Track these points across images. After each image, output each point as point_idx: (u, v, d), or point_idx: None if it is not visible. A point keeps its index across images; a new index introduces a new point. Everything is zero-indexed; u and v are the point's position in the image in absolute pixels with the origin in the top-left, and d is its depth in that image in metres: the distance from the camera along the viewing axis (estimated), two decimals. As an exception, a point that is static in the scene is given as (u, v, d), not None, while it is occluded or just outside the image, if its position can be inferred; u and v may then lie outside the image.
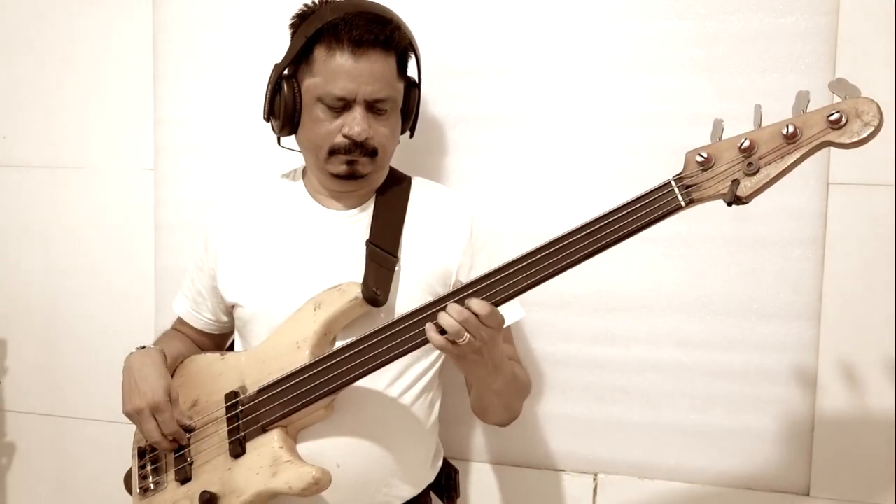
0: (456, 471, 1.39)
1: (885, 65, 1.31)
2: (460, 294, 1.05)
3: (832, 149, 1.32)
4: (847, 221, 1.36)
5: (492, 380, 1.13)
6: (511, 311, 1.25)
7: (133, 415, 1.21)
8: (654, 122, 1.42)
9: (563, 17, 1.46)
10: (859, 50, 1.32)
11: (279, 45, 1.26)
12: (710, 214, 1.39)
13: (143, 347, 1.27)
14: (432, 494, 1.34)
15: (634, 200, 1.01)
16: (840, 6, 1.33)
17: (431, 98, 1.51)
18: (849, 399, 1.37)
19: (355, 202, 1.28)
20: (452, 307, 1.03)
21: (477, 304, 1.03)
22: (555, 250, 1.03)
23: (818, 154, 1.35)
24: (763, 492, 1.43)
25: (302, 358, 1.15)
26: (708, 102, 1.39)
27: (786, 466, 1.42)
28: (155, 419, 1.19)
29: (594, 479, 1.51)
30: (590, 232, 1.02)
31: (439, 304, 1.06)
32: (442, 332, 1.04)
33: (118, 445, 1.33)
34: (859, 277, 1.36)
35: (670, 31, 1.42)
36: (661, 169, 1.03)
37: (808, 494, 1.41)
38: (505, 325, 1.08)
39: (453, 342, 1.03)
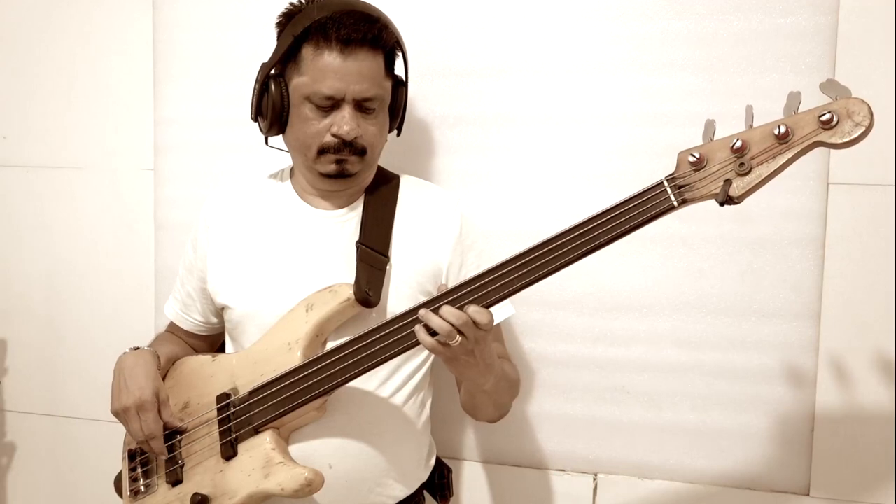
0: (449, 469, 1.39)
1: (885, 65, 1.31)
2: (453, 294, 1.05)
3: (832, 149, 1.32)
4: (847, 221, 1.35)
5: (483, 380, 1.13)
6: (501, 309, 1.25)
7: (120, 413, 1.22)
8: (652, 123, 1.42)
9: (560, 17, 1.46)
10: (859, 50, 1.32)
11: (278, 45, 1.26)
12: (710, 215, 1.39)
13: (137, 348, 1.27)
14: (426, 493, 1.35)
15: (627, 200, 1.01)
16: (840, 6, 1.33)
17: (423, 97, 1.51)
18: (848, 399, 1.37)
19: (344, 202, 1.27)
20: (448, 310, 1.03)
21: (476, 312, 1.03)
22: (547, 251, 1.03)
23: (818, 154, 1.35)
24: (763, 492, 1.43)
25: (294, 359, 1.15)
26: (707, 103, 1.39)
27: (786, 466, 1.42)
28: (141, 419, 1.19)
29: (594, 479, 1.51)
30: (582, 232, 1.02)
31: (431, 304, 1.06)
32: (432, 333, 1.04)
33: (118, 445, 1.33)
34: (859, 277, 1.36)
35: (669, 31, 1.42)
36: (660, 170, 1.03)
37: (808, 494, 1.41)
38: (495, 323, 1.08)
39: (444, 344, 1.03)
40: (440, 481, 1.36)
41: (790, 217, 1.38)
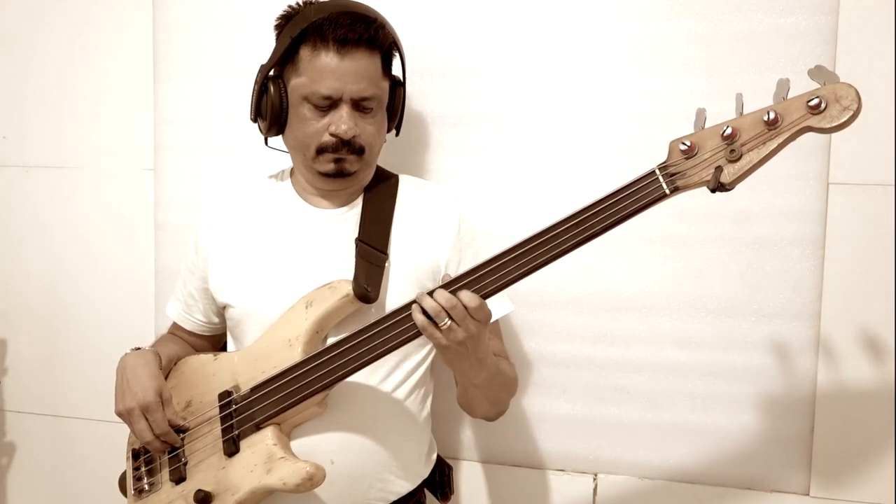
0: (450, 467, 1.40)
1: (885, 65, 1.31)
2: (449, 287, 1.06)
3: (832, 149, 1.32)
4: (847, 221, 1.35)
5: (474, 374, 1.14)
6: (501, 306, 1.25)
7: (124, 415, 1.22)
8: (652, 123, 1.42)
9: (560, 17, 1.46)
10: (859, 50, 1.32)
11: (278, 45, 1.26)
12: (710, 215, 1.39)
13: (138, 349, 1.28)
14: (426, 491, 1.35)
15: (620, 190, 1.03)
16: (840, 6, 1.33)
17: (423, 97, 1.51)
18: (848, 399, 1.37)
19: (343, 201, 1.28)
20: (440, 293, 1.05)
21: (467, 296, 1.04)
22: (542, 241, 1.04)
23: (818, 154, 1.36)
24: (763, 492, 1.43)
25: (294, 355, 1.16)
26: (707, 103, 1.38)
27: (786, 466, 1.42)
28: (146, 419, 1.20)
29: (594, 479, 1.51)
30: (576, 222, 1.03)
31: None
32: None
33: (118, 445, 1.33)
34: (859, 277, 1.36)
35: (669, 31, 1.42)
36: (660, 169, 1.03)
37: (808, 494, 1.41)
38: (494, 319, 1.09)
39: (436, 326, 1.04)
40: (441, 479, 1.37)
41: (790, 217, 1.38)
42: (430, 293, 1.06)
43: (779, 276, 1.40)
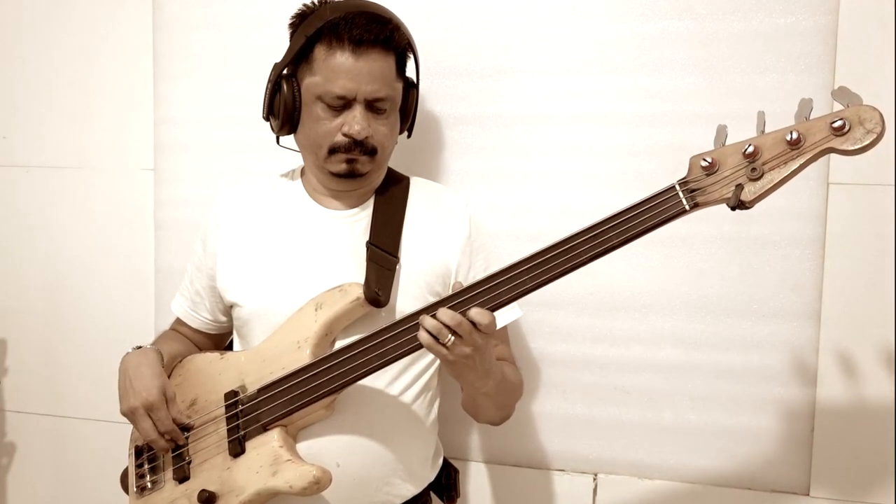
0: (456, 470, 1.39)
1: (885, 65, 1.31)
2: (464, 295, 1.06)
3: (843, 156, 1.32)
4: (847, 221, 1.36)
5: (482, 383, 1.13)
6: (508, 312, 1.25)
7: (129, 414, 1.21)
8: (653, 123, 1.42)
9: (563, 18, 1.46)
10: (859, 50, 1.32)
11: (279, 45, 1.26)
12: (710, 215, 1.39)
13: (140, 347, 1.27)
14: (432, 494, 1.35)
15: (639, 204, 1.02)
16: (840, 6, 1.33)
17: (432, 98, 1.51)
18: (849, 399, 1.37)
19: (354, 202, 1.28)
20: (443, 311, 1.04)
21: (478, 314, 1.04)
22: (560, 252, 1.04)
23: (818, 154, 1.35)
24: (763, 492, 1.44)
25: (303, 358, 1.15)
26: (708, 103, 1.39)
27: (786, 466, 1.42)
28: (151, 418, 1.19)
29: (594, 479, 1.51)
30: (595, 234, 1.03)
31: (441, 304, 1.06)
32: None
33: (119, 445, 1.33)
34: (859, 277, 1.36)
35: (670, 31, 1.42)
36: (661, 169, 1.04)
37: (808, 494, 1.41)
38: (501, 326, 1.08)
39: (441, 343, 1.04)
40: (447, 482, 1.36)
41: (790, 217, 1.38)
42: (433, 313, 1.05)
43: (779, 276, 1.40)
